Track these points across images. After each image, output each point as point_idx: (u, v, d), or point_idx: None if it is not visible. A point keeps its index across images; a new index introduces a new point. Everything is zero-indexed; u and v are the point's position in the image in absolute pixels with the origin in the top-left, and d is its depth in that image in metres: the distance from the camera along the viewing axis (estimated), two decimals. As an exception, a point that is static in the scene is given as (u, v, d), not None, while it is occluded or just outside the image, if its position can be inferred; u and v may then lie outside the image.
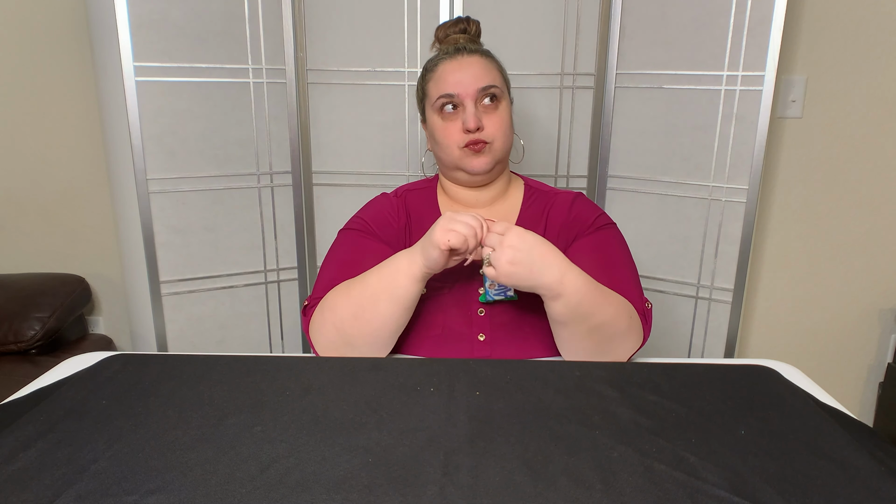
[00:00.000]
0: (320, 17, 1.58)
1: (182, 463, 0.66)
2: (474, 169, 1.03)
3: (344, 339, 0.93)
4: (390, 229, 1.07)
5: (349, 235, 1.07)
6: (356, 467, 0.65)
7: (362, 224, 1.07)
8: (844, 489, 0.63)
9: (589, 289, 0.88)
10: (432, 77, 1.05)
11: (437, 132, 1.05)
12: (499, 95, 1.03)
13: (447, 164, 1.07)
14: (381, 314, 0.91)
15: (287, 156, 1.65)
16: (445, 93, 1.02)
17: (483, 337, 1.00)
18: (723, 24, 1.44)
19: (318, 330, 0.96)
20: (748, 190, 1.48)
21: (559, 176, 1.67)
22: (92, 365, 0.90)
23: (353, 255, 1.03)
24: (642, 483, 0.63)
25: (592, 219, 1.06)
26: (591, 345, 0.92)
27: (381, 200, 1.11)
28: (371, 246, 1.04)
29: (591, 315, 0.89)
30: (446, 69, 1.03)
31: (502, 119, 1.04)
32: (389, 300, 0.91)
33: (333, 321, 0.93)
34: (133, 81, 1.45)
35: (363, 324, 0.92)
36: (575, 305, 0.88)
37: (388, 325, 0.93)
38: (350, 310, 0.92)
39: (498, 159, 1.05)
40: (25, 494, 0.61)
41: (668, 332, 1.67)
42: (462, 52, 1.05)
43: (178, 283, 1.59)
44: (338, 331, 0.93)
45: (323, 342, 0.96)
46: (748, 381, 0.87)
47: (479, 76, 1.02)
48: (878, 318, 1.92)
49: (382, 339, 0.94)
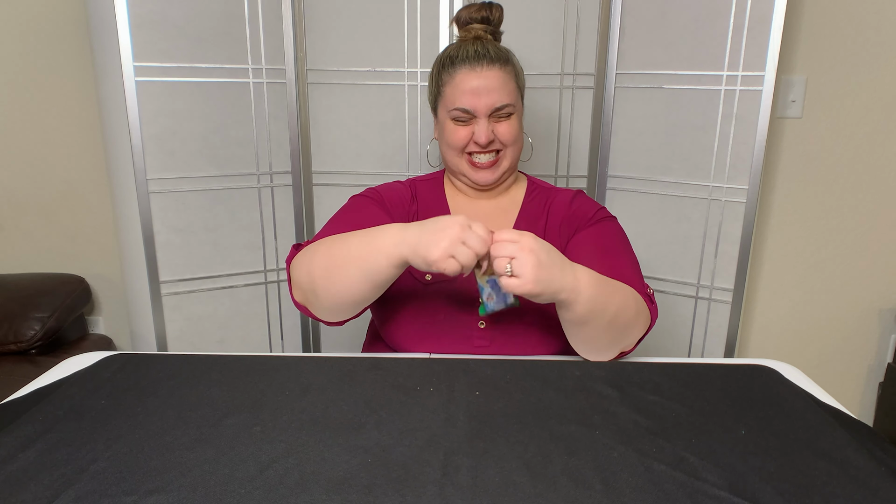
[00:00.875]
0: (320, 17, 1.58)
1: (181, 463, 0.66)
2: (478, 181, 1.07)
3: (311, 287, 0.92)
4: (402, 210, 1.09)
5: (361, 201, 1.07)
6: (355, 467, 0.65)
7: (376, 195, 1.09)
8: (844, 489, 0.63)
9: (598, 282, 0.87)
10: (450, 81, 1.05)
11: (446, 133, 1.07)
12: (513, 111, 1.05)
13: (450, 165, 1.10)
14: (348, 281, 0.88)
15: (287, 156, 1.65)
16: (461, 107, 1.03)
17: (483, 325, 1.02)
18: (723, 25, 1.44)
19: (296, 268, 0.95)
20: (748, 190, 1.48)
21: (559, 176, 1.67)
22: (91, 365, 0.90)
23: (359, 218, 1.03)
24: (642, 483, 0.63)
25: (592, 213, 1.07)
26: (610, 337, 0.91)
27: (396, 185, 1.13)
28: (379, 215, 1.04)
29: (606, 308, 0.87)
30: (465, 79, 1.03)
31: (513, 129, 1.05)
32: (362, 273, 0.87)
33: (309, 267, 0.92)
34: (133, 81, 1.45)
35: (330, 283, 0.89)
36: (592, 301, 0.85)
37: (353, 294, 0.89)
38: (325, 264, 0.90)
39: (505, 171, 1.08)
40: (24, 495, 0.60)
41: (668, 332, 1.67)
42: (482, 60, 1.03)
43: (178, 283, 1.59)
44: (309, 277, 0.92)
45: (296, 279, 0.95)
46: (748, 381, 0.87)
47: (496, 94, 1.02)
48: (878, 318, 1.92)
49: (344, 303, 0.91)
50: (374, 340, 1.13)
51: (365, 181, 1.67)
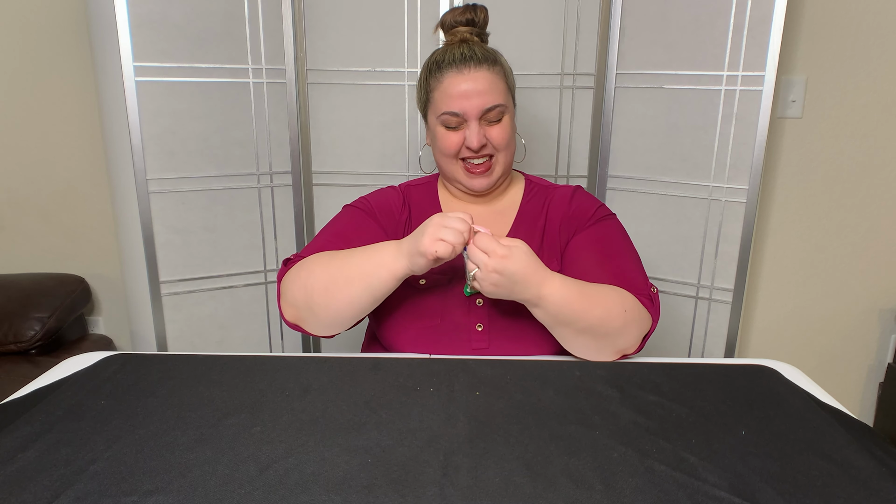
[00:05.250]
0: (320, 17, 1.58)
1: (181, 463, 0.66)
2: (473, 188, 1.07)
3: (308, 304, 0.94)
4: (392, 219, 1.09)
5: (351, 212, 1.09)
6: (356, 468, 0.65)
7: (367, 205, 1.09)
8: (844, 489, 0.63)
9: (569, 299, 0.89)
10: (437, 86, 1.03)
11: (438, 139, 1.05)
12: (504, 112, 1.04)
13: (444, 172, 1.09)
14: (350, 296, 0.92)
15: (287, 156, 1.65)
16: (451, 111, 1.02)
17: (481, 327, 1.01)
18: (723, 25, 1.44)
19: (288, 285, 0.96)
20: (748, 190, 1.48)
21: (559, 176, 1.67)
22: (91, 365, 0.90)
23: (349, 229, 1.04)
24: (642, 483, 0.63)
25: (592, 211, 1.07)
26: (587, 341, 0.93)
27: (388, 192, 1.13)
28: (369, 227, 1.05)
29: (574, 321, 0.90)
30: (452, 83, 1.01)
31: (505, 131, 1.04)
32: (364, 288, 0.91)
33: (305, 284, 0.94)
34: (133, 81, 1.45)
35: (330, 299, 0.92)
36: (554, 314, 0.90)
37: (354, 309, 0.93)
38: (323, 281, 0.93)
39: (499, 176, 1.07)
40: (24, 495, 0.60)
41: (668, 332, 1.67)
42: (469, 62, 1.01)
43: (177, 283, 1.59)
44: (305, 294, 0.94)
45: (289, 297, 0.96)
46: (748, 381, 0.87)
47: (486, 96, 1.01)
48: (878, 318, 1.92)
49: (343, 319, 0.95)
50: (372, 341, 1.13)
51: (365, 181, 1.67)
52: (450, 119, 1.02)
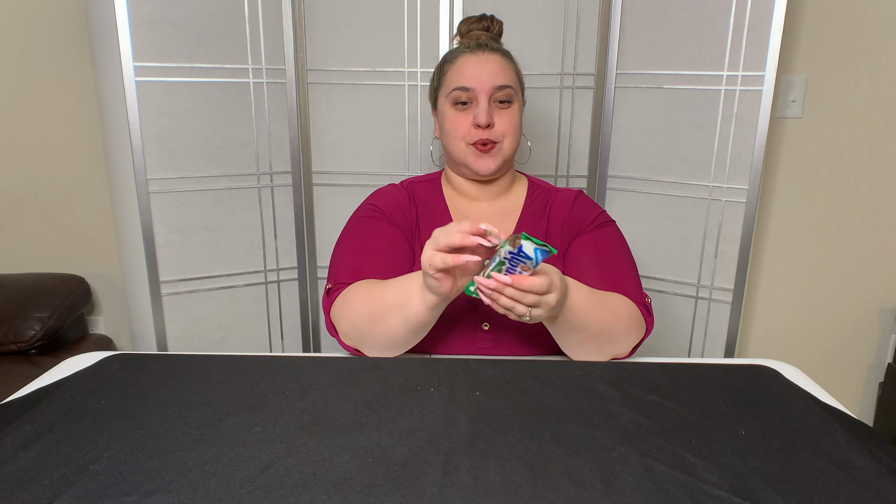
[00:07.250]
0: (320, 17, 1.58)
1: (181, 463, 0.66)
2: (480, 170, 1.06)
3: (359, 335, 0.95)
4: (403, 217, 1.09)
5: (362, 223, 1.07)
6: (356, 467, 0.65)
7: (375, 211, 1.09)
8: (844, 489, 0.63)
9: (584, 305, 0.89)
10: (451, 67, 1.07)
11: (447, 122, 1.07)
12: (512, 96, 1.06)
13: (453, 155, 1.09)
14: (391, 329, 0.91)
15: (287, 156, 1.65)
16: (462, 85, 1.04)
17: (487, 326, 1.02)
18: (723, 25, 1.44)
19: (337, 320, 0.97)
20: (748, 190, 1.48)
21: (559, 176, 1.67)
22: (91, 365, 0.90)
23: (369, 242, 1.04)
24: (642, 483, 0.63)
25: (593, 217, 1.08)
26: (594, 347, 0.94)
27: (390, 190, 1.13)
28: (385, 232, 1.05)
29: (588, 325, 0.91)
30: (466, 62, 1.06)
31: (513, 119, 1.06)
32: (400, 320, 0.89)
33: (350, 318, 0.94)
34: (133, 81, 1.45)
35: (375, 332, 0.92)
36: (571, 320, 0.89)
37: (398, 340, 0.92)
38: (365, 313, 0.92)
39: (505, 159, 1.08)
40: (24, 495, 0.60)
41: (668, 332, 1.67)
42: (484, 48, 1.07)
43: (178, 283, 1.59)
44: (354, 328, 0.94)
45: (342, 330, 0.97)
46: (749, 381, 0.87)
47: (497, 74, 1.04)
48: (878, 318, 1.92)
49: (393, 348, 0.94)
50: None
51: (365, 181, 1.67)
52: (460, 94, 1.04)
